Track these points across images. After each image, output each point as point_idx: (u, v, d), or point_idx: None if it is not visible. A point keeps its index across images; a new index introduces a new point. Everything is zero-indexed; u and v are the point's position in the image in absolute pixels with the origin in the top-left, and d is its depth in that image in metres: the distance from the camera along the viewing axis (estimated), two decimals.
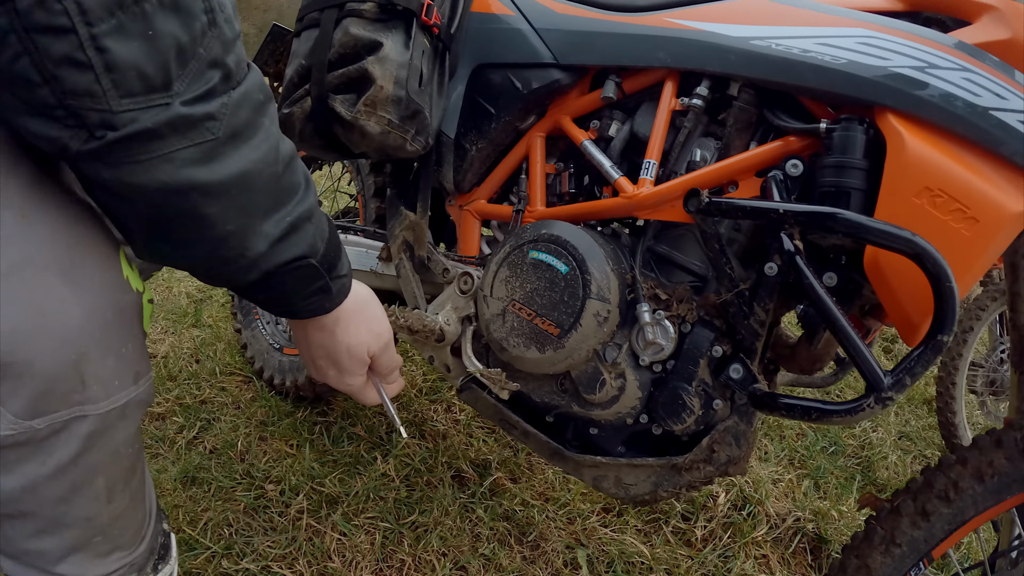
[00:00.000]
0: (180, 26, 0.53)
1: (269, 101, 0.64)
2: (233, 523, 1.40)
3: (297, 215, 0.67)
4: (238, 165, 0.59)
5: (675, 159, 1.15)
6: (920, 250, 0.83)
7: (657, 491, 1.12)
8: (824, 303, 0.92)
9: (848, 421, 0.92)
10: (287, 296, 0.73)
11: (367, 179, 1.47)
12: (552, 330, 1.07)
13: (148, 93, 0.53)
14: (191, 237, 0.61)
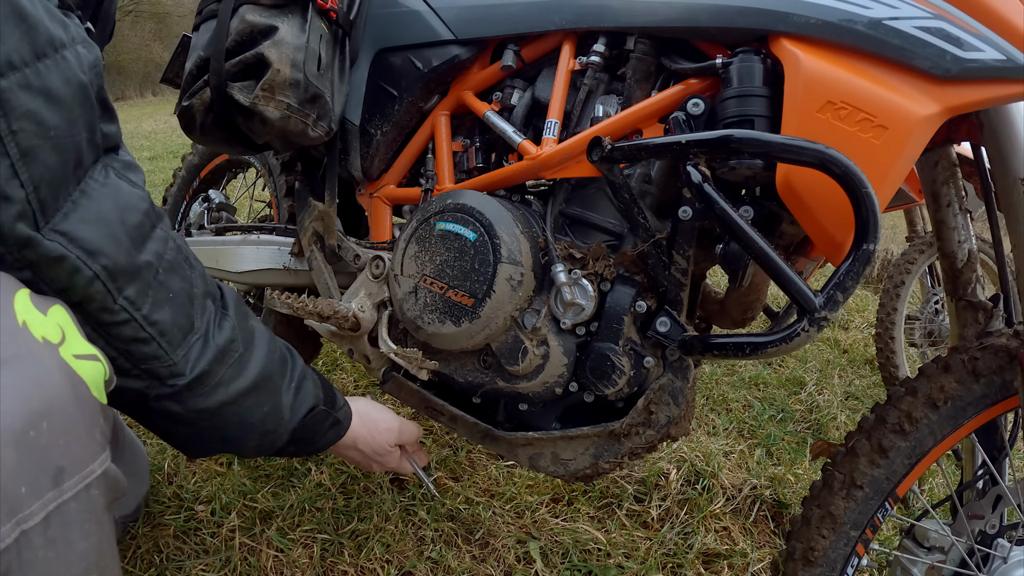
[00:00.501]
0: (181, 280, 0.68)
1: (244, 305, 0.78)
2: (163, 549, 1.24)
3: (298, 377, 0.82)
4: (258, 363, 0.74)
5: (577, 118, 1.06)
6: (827, 158, 0.76)
7: (598, 463, 0.99)
8: (739, 228, 0.83)
9: (784, 349, 0.82)
10: (311, 442, 0.86)
11: (279, 179, 1.35)
12: (466, 301, 0.95)
13: (186, 337, 0.67)
14: (242, 431, 0.75)
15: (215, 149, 1.26)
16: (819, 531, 1.03)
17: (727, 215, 0.83)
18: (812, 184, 0.83)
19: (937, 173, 1.16)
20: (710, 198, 0.84)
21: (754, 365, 2.11)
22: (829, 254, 0.89)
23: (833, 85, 0.81)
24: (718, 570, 1.31)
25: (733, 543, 1.36)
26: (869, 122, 0.82)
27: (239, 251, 1.29)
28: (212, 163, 1.59)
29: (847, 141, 0.81)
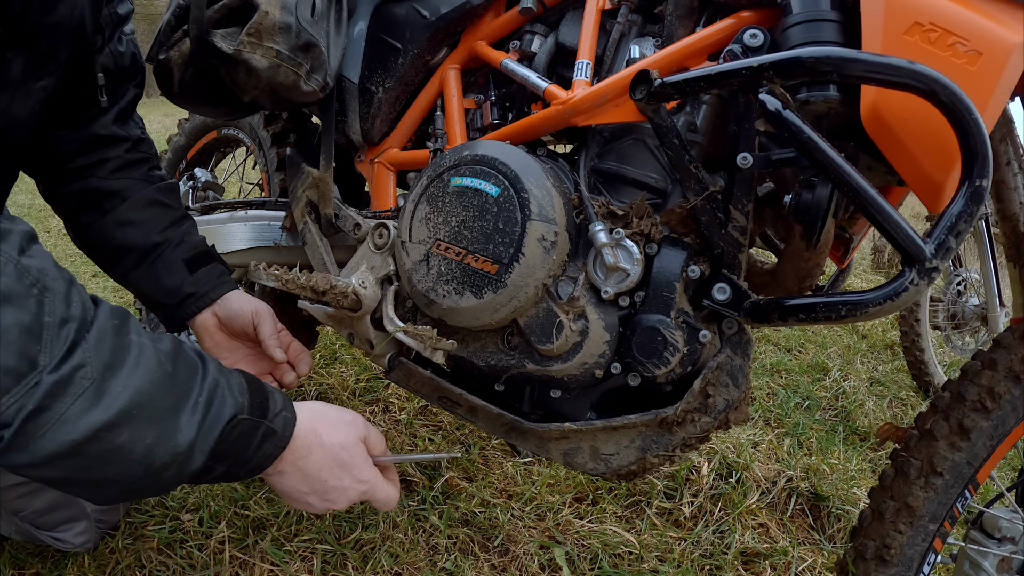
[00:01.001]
0: (18, 311, 0.52)
1: (126, 319, 0.60)
2: (146, 564, 1.04)
3: (208, 389, 0.62)
4: (127, 389, 0.56)
5: (610, 63, 0.87)
6: (933, 82, 0.60)
7: (646, 457, 0.80)
8: (833, 161, 0.63)
9: (888, 308, 0.65)
10: (242, 460, 0.65)
11: (269, 153, 1.15)
12: (489, 267, 0.75)
13: (20, 381, 0.51)
14: (122, 467, 0.57)
15: (197, 112, 1.06)
16: (895, 526, 0.87)
17: (816, 144, 0.64)
18: (905, 114, 0.67)
19: (994, 131, 0.99)
20: (794, 126, 0.65)
21: (775, 351, 1.92)
22: (926, 197, 0.71)
23: (920, 4, 0.67)
24: (759, 571, 1.12)
25: (772, 541, 1.17)
26: (961, 46, 0.67)
27: (226, 229, 1.09)
28: (200, 143, 1.39)
29: (939, 67, 0.65)
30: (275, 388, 0.69)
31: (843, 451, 1.43)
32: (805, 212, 0.74)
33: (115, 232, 0.95)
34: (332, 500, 0.72)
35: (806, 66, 0.65)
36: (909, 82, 0.61)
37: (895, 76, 0.61)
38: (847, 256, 1.04)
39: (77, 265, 2.65)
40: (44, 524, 1.04)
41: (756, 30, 0.75)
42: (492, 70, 0.99)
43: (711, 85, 0.70)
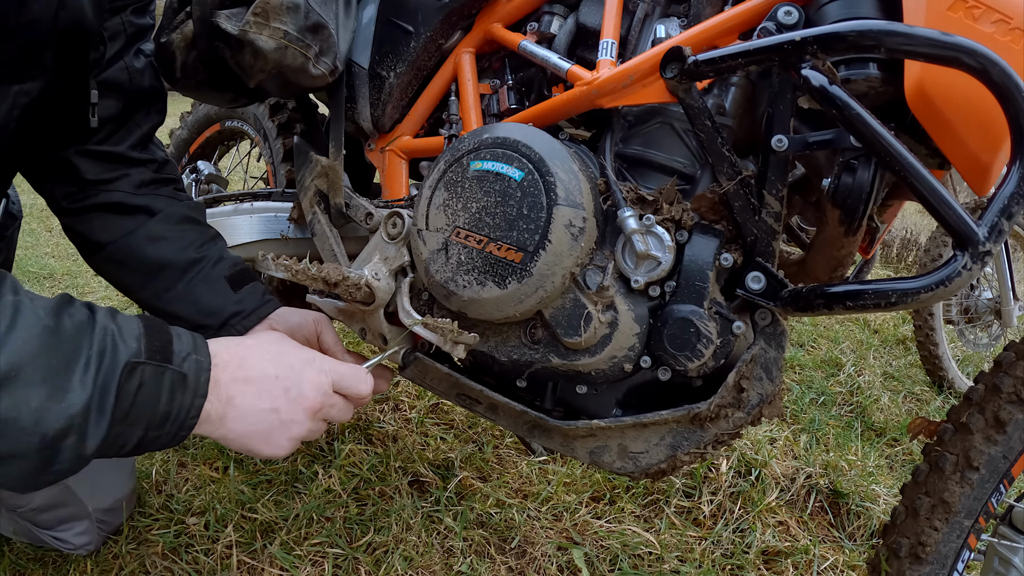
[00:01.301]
0: None
1: (3, 278, 0.53)
2: (151, 569, 1.00)
3: (98, 340, 0.55)
4: (2, 361, 0.49)
5: (635, 43, 0.83)
6: (983, 59, 0.57)
7: (676, 455, 0.76)
8: (884, 138, 0.60)
9: (940, 294, 0.61)
10: (157, 417, 0.57)
11: (275, 143, 1.10)
12: (512, 255, 0.70)
13: None
14: (13, 439, 0.50)
15: (200, 99, 1.01)
16: (930, 522, 0.83)
17: (864, 121, 0.60)
18: (951, 92, 0.63)
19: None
20: (840, 101, 0.61)
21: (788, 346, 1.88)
22: (973, 179, 0.68)
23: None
24: (781, 570, 1.07)
25: (793, 539, 1.13)
26: (1005, 24, 0.64)
27: (231, 222, 1.04)
28: (202, 136, 1.34)
29: (984, 44, 0.60)
30: (183, 330, 0.62)
31: (860, 447, 1.39)
32: (846, 196, 0.69)
33: (146, 248, 0.87)
34: (293, 427, 0.64)
35: (850, 40, 0.61)
36: (959, 58, 0.57)
37: (944, 51, 0.57)
38: (872, 246, 1.00)
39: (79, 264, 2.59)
40: (43, 523, 0.99)
41: (790, 7, 0.71)
42: (508, 54, 0.94)
43: (749, 61, 0.66)
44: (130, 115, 0.89)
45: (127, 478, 1.05)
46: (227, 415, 0.61)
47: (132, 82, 0.87)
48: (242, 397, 0.62)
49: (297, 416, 0.65)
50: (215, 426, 0.61)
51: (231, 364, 0.63)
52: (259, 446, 0.64)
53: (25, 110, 0.74)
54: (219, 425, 0.61)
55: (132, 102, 0.88)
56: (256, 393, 0.62)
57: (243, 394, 0.62)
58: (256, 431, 0.63)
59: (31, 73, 0.73)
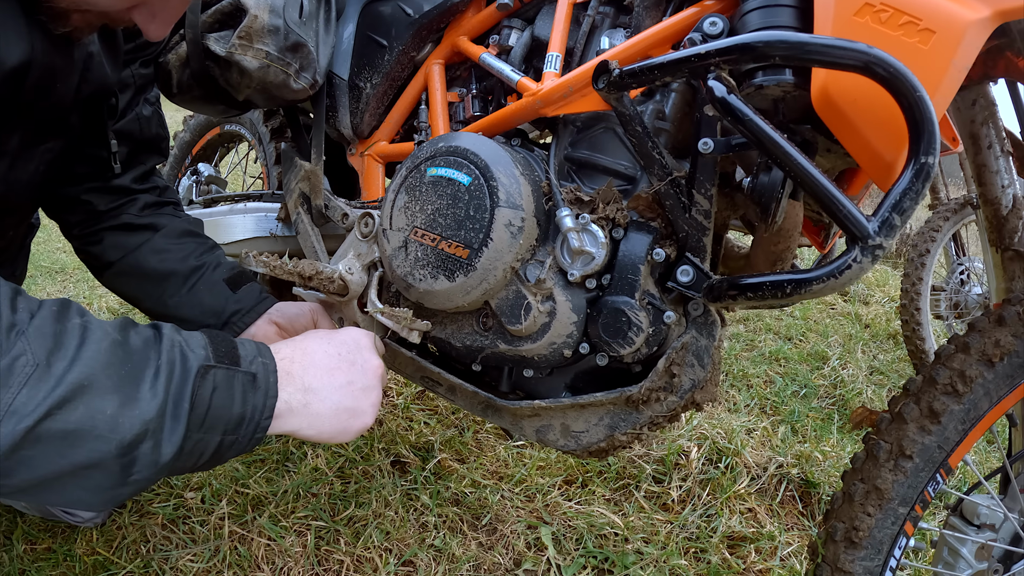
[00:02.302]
0: None
1: (68, 306, 0.57)
2: (150, 538, 1.11)
3: (167, 351, 0.58)
4: (75, 363, 0.53)
5: (581, 53, 0.91)
6: (873, 59, 0.61)
7: (614, 435, 0.84)
8: (774, 142, 0.67)
9: (832, 286, 0.67)
10: (233, 421, 0.60)
11: (268, 147, 1.21)
12: (460, 252, 0.80)
13: None
14: (90, 448, 0.53)
15: (195, 110, 1.12)
16: (864, 508, 0.88)
17: (759, 128, 0.67)
18: (854, 95, 0.69)
19: (975, 113, 1.01)
20: (738, 111, 0.68)
21: (774, 340, 1.93)
22: (878, 177, 0.73)
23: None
24: (744, 555, 1.14)
25: (759, 525, 1.20)
26: (913, 25, 0.68)
27: (227, 221, 1.15)
28: (203, 139, 1.46)
29: (891, 46, 0.67)
30: (245, 338, 0.67)
31: (837, 439, 1.44)
32: (761, 193, 0.77)
33: (151, 260, 0.98)
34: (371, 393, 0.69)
35: (751, 51, 0.67)
36: (851, 62, 0.62)
37: (837, 57, 0.62)
38: (828, 241, 1.07)
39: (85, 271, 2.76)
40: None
41: (716, 18, 0.78)
42: (474, 64, 1.03)
43: (664, 73, 0.74)
44: (138, 157, 1.01)
45: None
46: (310, 401, 0.65)
47: (142, 131, 0.99)
48: (319, 380, 0.67)
49: (371, 381, 0.71)
50: (300, 416, 0.65)
51: (296, 356, 0.67)
52: (349, 421, 0.68)
53: (49, 165, 0.86)
54: (304, 413, 0.65)
55: (140, 147, 1.01)
56: (328, 372, 0.68)
57: (318, 377, 0.67)
58: (342, 407, 0.67)
59: (55, 134, 0.84)
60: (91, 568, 1.06)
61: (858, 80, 0.66)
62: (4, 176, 0.80)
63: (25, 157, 0.82)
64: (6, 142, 0.78)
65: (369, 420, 0.70)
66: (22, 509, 1.14)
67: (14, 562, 1.07)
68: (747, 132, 0.68)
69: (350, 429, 0.68)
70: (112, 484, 0.55)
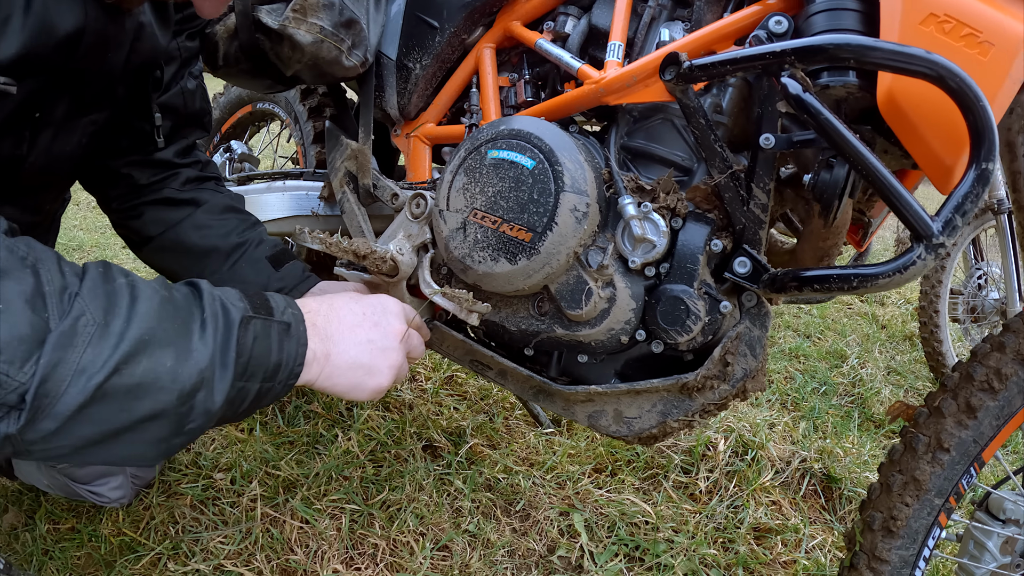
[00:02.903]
0: (16, 283, 0.53)
1: (109, 267, 0.61)
2: (179, 519, 1.12)
3: (209, 305, 0.62)
4: (132, 320, 0.57)
5: (641, 45, 0.94)
6: (943, 70, 0.66)
7: (666, 422, 0.88)
8: (848, 141, 0.70)
9: (897, 280, 0.71)
10: (270, 367, 0.64)
11: (306, 126, 1.22)
12: (523, 235, 0.83)
13: (38, 346, 0.52)
14: (154, 399, 0.57)
15: (239, 84, 1.14)
16: (902, 498, 0.93)
17: (833, 126, 0.71)
18: (919, 100, 0.73)
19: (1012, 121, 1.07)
20: (813, 108, 0.72)
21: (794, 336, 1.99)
22: (936, 179, 0.78)
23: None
24: (771, 546, 1.19)
25: (784, 518, 1.25)
26: (974, 38, 0.73)
27: (263, 199, 1.17)
28: (234, 116, 1.47)
29: (952, 56, 0.71)
30: (272, 292, 0.71)
31: (857, 436, 1.50)
32: (823, 191, 0.81)
33: (193, 236, 1.00)
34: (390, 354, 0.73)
35: (826, 52, 0.71)
36: (921, 69, 0.66)
37: (908, 64, 0.67)
38: (865, 240, 1.11)
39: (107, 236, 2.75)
40: (81, 478, 1.11)
41: (781, 17, 0.82)
42: (526, 50, 1.06)
43: (736, 68, 0.77)
44: (180, 131, 1.02)
45: None
46: (330, 352, 0.69)
47: (186, 105, 1.00)
48: (339, 333, 0.71)
49: (390, 343, 0.74)
50: (320, 366, 0.69)
51: (322, 310, 0.72)
52: (364, 378, 0.72)
53: (92, 137, 0.87)
54: (324, 363, 0.69)
55: (184, 121, 1.02)
56: (351, 328, 0.72)
57: (340, 331, 0.71)
58: (358, 362, 0.71)
59: (101, 106, 0.85)
60: (117, 549, 1.07)
61: (923, 86, 0.71)
62: (47, 148, 0.81)
63: (69, 128, 0.83)
64: (51, 112, 0.79)
65: (384, 382, 0.74)
66: (45, 488, 1.15)
67: (37, 542, 1.09)
68: (821, 129, 0.72)
69: (364, 386, 0.72)
70: (169, 434, 0.59)
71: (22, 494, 1.19)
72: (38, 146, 0.81)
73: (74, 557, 1.07)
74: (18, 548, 1.09)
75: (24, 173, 0.82)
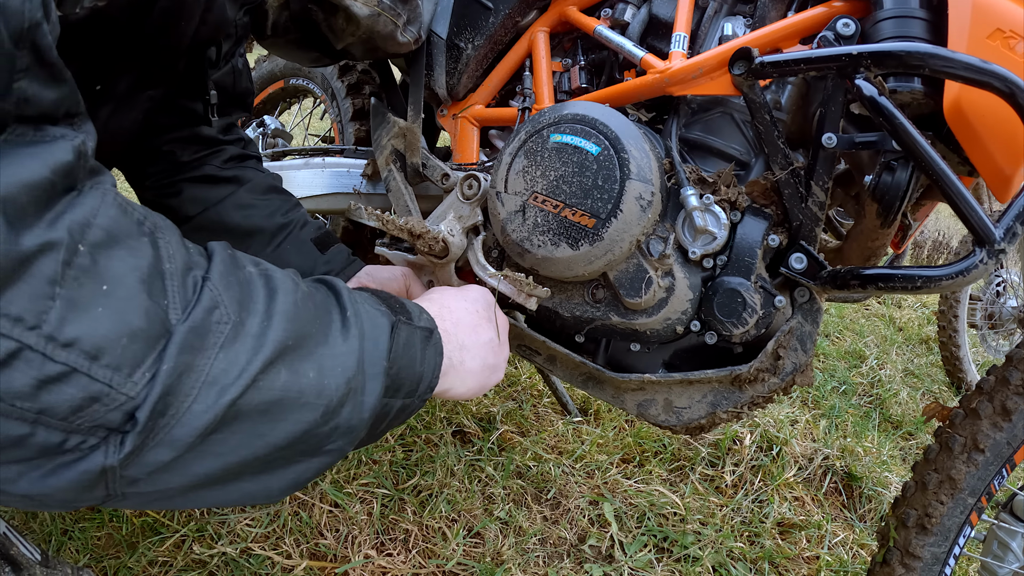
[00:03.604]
0: (130, 255, 0.41)
1: (234, 250, 0.52)
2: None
3: (349, 305, 0.54)
4: (271, 319, 0.47)
5: (703, 38, 0.97)
6: (1014, 85, 0.71)
7: (716, 413, 0.92)
8: (920, 146, 0.74)
9: (959, 283, 0.76)
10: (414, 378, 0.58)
11: (344, 103, 1.24)
12: (586, 221, 0.86)
13: (153, 345, 0.40)
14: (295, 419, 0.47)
15: (285, 56, 1.15)
16: (937, 496, 0.98)
17: (906, 130, 0.75)
18: (984, 111, 0.77)
19: None
20: (887, 111, 0.76)
21: None
22: (996, 188, 0.83)
23: (1003, 12, 0.77)
24: (795, 541, 1.24)
25: (808, 514, 1.30)
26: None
27: (300, 175, 1.19)
28: (265, 91, 1.48)
29: (1016, 70, 0.75)
30: (403, 298, 0.67)
31: (876, 437, 1.56)
32: (885, 193, 0.85)
33: (235, 216, 0.98)
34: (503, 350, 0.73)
35: (900, 58, 0.75)
36: (992, 83, 0.71)
37: (980, 76, 0.71)
38: (904, 242, 1.16)
39: None
40: None
41: (849, 20, 0.85)
42: (581, 36, 1.09)
43: (810, 67, 0.81)
44: (226, 109, 1.01)
45: None
46: (464, 359, 0.67)
47: (235, 85, 1.00)
48: (469, 337, 0.69)
49: (505, 338, 0.75)
50: (456, 373, 0.65)
51: (444, 314, 0.68)
52: (490, 377, 0.71)
53: (147, 114, 0.85)
54: (459, 370, 0.66)
55: (230, 100, 1.01)
56: (473, 329, 0.70)
57: (468, 334, 0.69)
58: (487, 363, 0.70)
59: (161, 81, 0.84)
60: (139, 530, 1.08)
61: (989, 98, 0.75)
62: (105, 123, 0.79)
63: (128, 104, 0.82)
64: (114, 85, 0.78)
65: (501, 376, 0.75)
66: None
67: (55, 521, 1.08)
68: (894, 132, 0.76)
69: (488, 384, 0.73)
70: (305, 462, 0.50)
71: None
72: (97, 122, 0.81)
73: (94, 537, 1.07)
74: (35, 527, 1.09)
75: None
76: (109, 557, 1.04)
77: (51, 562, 0.97)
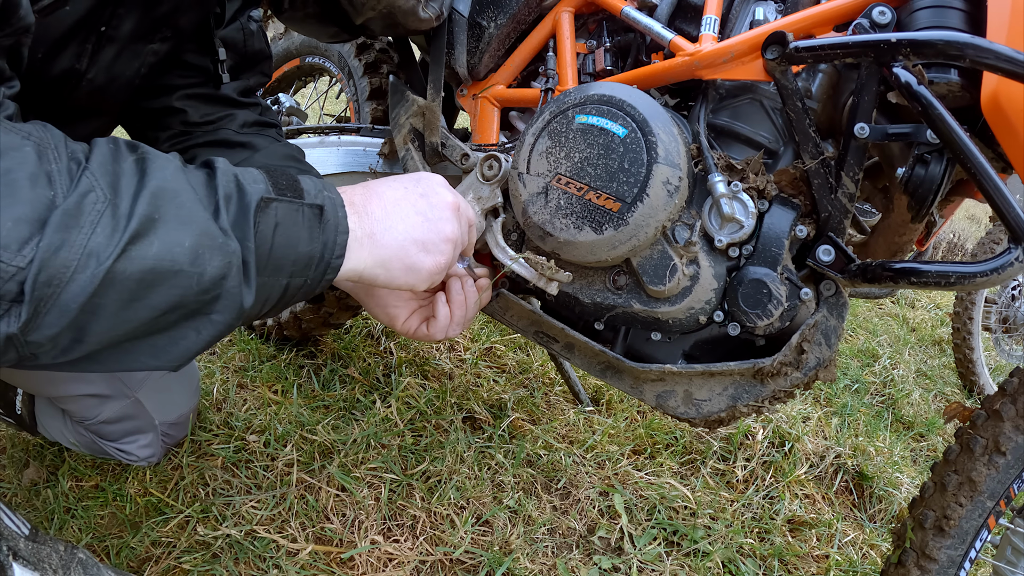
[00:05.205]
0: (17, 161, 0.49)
1: (118, 142, 0.56)
2: (210, 481, 1.13)
3: (223, 187, 0.57)
4: (142, 195, 0.52)
5: (734, 22, 0.96)
6: None
7: (736, 406, 0.90)
8: (959, 136, 0.73)
9: (994, 279, 0.75)
10: (294, 259, 0.59)
11: (360, 81, 1.22)
12: (611, 205, 0.84)
13: (39, 228, 0.47)
14: (171, 286, 0.52)
15: (302, 30, 1.13)
16: (956, 498, 0.97)
17: (945, 121, 0.73)
18: (1021, 104, 0.75)
19: None
20: (925, 100, 0.74)
21: None
22: None
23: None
24: (805, 539, 1.23)
25: (818, 513, 1.29)
26: None
27: (316, 153, 1.17)
28: (280, 70, 1.46)
29: None
30: (305, 176, 0.64)
31: (888, 437, 1.55)
32: (918, 186, 0.84)
33: None
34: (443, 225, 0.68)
35: (940, 47, 0.74)
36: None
37: (1021, 68, 0.69)
38: (928, 238, 1.15)
39: None
40: (109, 435, 1.09)
41: (885, 8, 0.83)
42: (606, 17, 1.07)
43: (846, 53, 0.79)
44: (239, 70, 1.00)
45: (193, 392, 1.18)
46: (375, 232, 0.63)
47: (246, 44, 0.99)
48: (383, 209, 0.65)
49: (444, 213, 0.69)
50: (365, 251, 0.63)
51: (358, 191, 0.66)
52: (419, 256, 0.66)
53: (151, 68, 0.85)
54: (369, 247, 0.63)
55: (243, 61, 1.00)
56: (395, 202, 0.66)
57: (382, 207, 0.65)
58: (411, 237, 0.65)
59: (164, 36, 0.83)
60: (143, 509, 1.07)
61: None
62: (108, 66, 0.79)
63: (132, 52, 0.81)
64: (118, 28, 0.77)
65: (443, 260, 0.69)
66: (69, 446, 1.13)
67: (59, 499, 1.07)
68: (932, 122, 0.75)
69: (421, 266, 0.67)
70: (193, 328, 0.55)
71: (44, 449, 1.18)
72: (99, 63, 0.78)
73: (97, 516, 1.06)
74: (38, 505, 1.08)
75: (79, 92, 0.80)
76: (112, 537, 1.03)
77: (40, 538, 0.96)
